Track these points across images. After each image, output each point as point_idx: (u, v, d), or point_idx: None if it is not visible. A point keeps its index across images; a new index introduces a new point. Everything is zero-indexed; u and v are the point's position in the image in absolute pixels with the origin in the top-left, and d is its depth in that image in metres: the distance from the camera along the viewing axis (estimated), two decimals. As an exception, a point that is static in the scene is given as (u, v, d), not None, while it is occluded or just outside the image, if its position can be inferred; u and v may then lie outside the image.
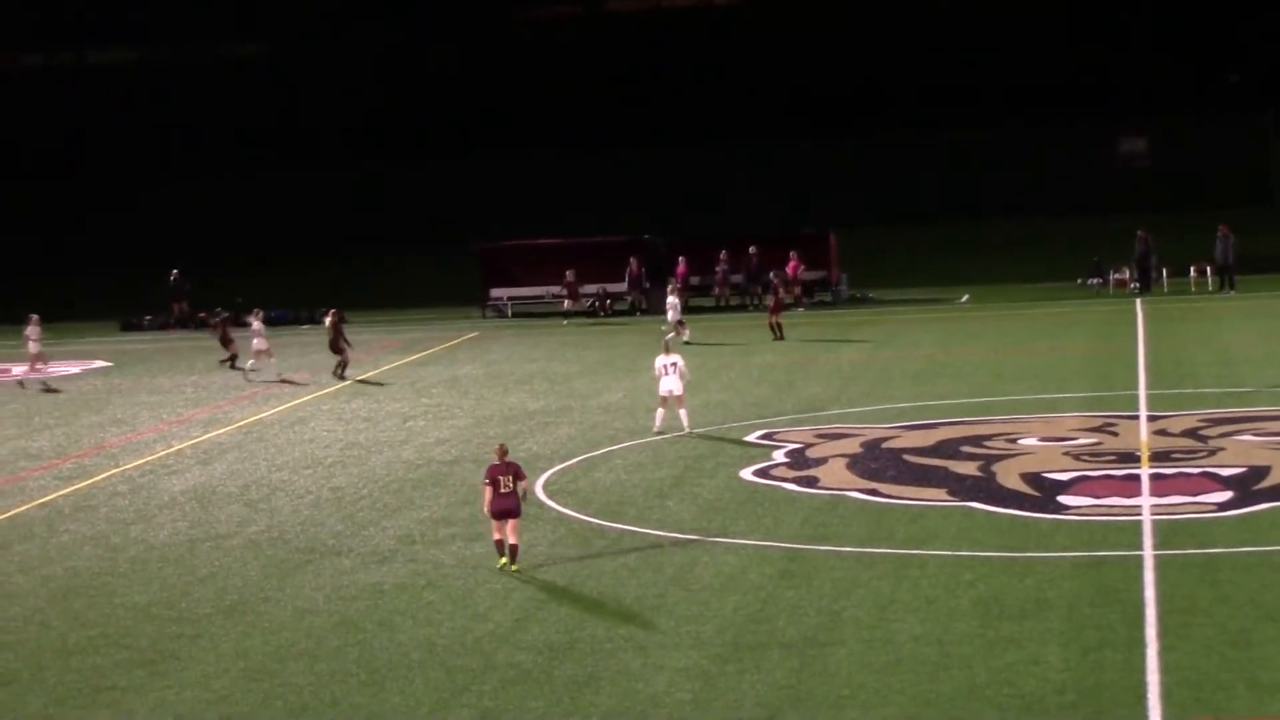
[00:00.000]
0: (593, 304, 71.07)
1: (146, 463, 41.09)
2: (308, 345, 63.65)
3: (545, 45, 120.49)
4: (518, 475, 28.74)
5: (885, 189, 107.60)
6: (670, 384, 40.76)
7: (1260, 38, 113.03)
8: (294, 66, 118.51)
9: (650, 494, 34.64)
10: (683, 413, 41.01)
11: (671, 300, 61.04)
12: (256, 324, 56.30)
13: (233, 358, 57.88)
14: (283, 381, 54.08)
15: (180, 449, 42.79)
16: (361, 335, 63.17)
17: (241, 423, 46.39)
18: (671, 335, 57.98)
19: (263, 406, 49.12)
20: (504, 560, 28.60)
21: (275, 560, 30.67)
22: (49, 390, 55.35)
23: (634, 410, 44.33)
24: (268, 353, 55.50)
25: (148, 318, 75.21)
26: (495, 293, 72.76)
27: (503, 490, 28.43)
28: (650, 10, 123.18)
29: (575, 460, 38.63)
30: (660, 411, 41.05)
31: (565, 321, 69.04)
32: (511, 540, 28.56)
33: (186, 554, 31.51)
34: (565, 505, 33.83)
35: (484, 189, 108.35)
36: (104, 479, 39.25)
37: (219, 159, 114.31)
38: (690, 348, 56.34)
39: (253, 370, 55.22)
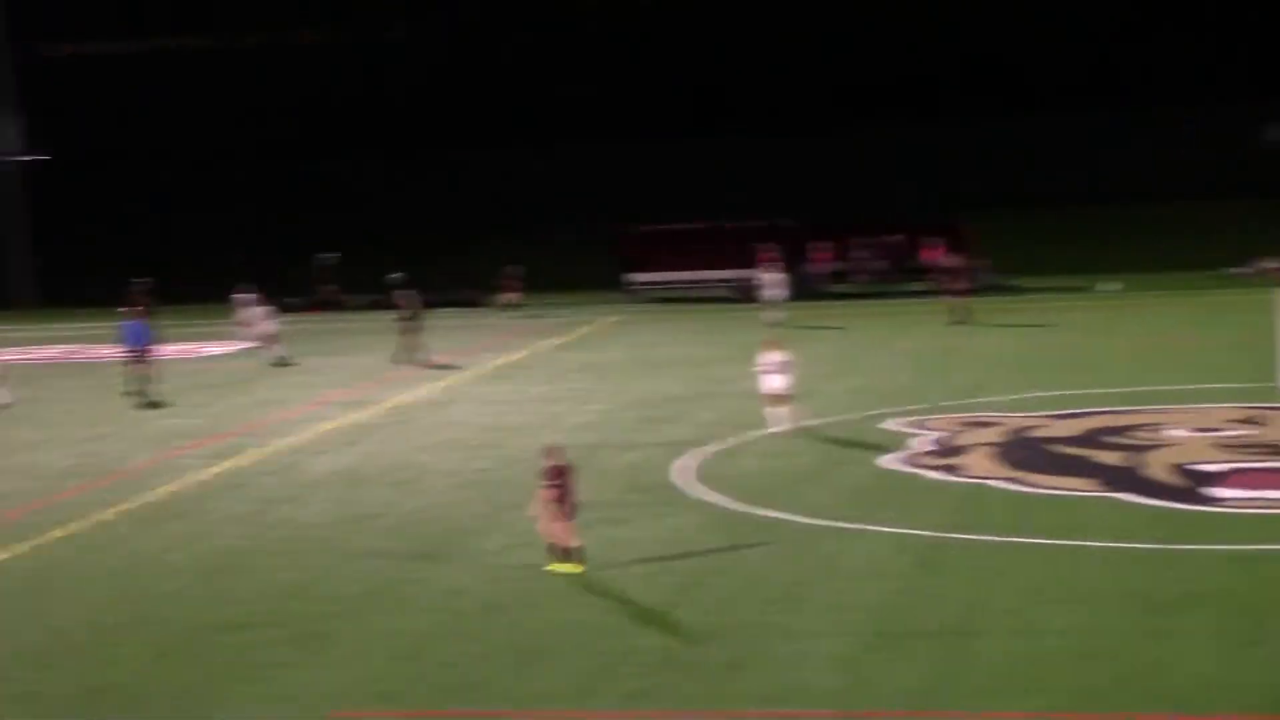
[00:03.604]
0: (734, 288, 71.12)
1: (294, 443, 41.61)
2: (449, 329, 64.22)
3: (686, 30, 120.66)
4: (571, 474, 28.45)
5: (1024, 173, 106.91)
6: (774, 381, 40.24)
7: None
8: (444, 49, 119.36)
9: (793, 480, 34.66)
10: (784, 410, 40.09)
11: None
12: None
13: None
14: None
15: (328, 430, 43.30)
16: (504, 319, 63.60)
17: (387, 404, 46.87)
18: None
19: (407, 389, 49.59)
20: (561, 564, 28.21)
21: (422, 541, 30.98)
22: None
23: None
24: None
25: (294, 299, 76.05)
26: (637, 277, 72.92)
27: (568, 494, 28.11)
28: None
29: (718, 446, 38.72)
30: (771, 410, 40.44)
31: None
32: (577, 542, 28.20)
33: (334, 534, 31.91)
34: (710, 491, 33.94)
35: (628, 172, 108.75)
36: (253, 459, 39.80)
37: (368, 142, 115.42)
38: (832, 334, 56.25)
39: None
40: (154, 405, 48.08)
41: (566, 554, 28.25)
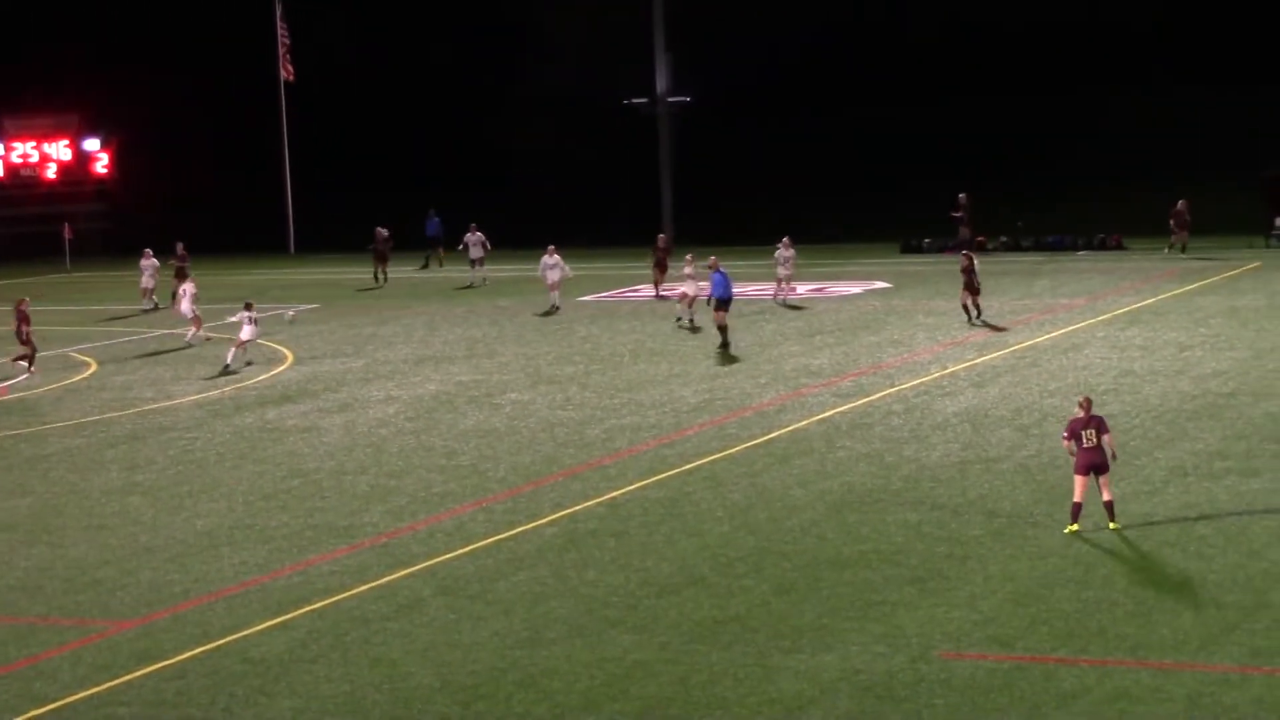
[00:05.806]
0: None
1: (921, 384, 41.69)
2: (1082, 272, 63.16)
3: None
4: (1101, 429, 27.40)
5: None
6: None
7: None
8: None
9: None
10: None
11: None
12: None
13: None
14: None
15: (954, 371, 43.21)
16: (1139, 263, 62.26)
17: (1015, 347, 46.47)
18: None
19: (1036, 332, 49.05)
20: (1075, 526, 27.32)
21: (1045, 486, 30.63)
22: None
23: None
24: None
25: (926, 240, 76.14)
26: (1281, 222, 70.38)
27: (1085, 444, 27.22)
28: None
29: (1362, 397, 37.04)
30: None
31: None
32: (1106, 496, 27.36)
33: (957, 475, 31.86)
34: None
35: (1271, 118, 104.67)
36: (880, 398, 40.05)
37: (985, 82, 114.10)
38: None
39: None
40: (727, 350, 48.89)
41: (1076, 513, 27.55)
